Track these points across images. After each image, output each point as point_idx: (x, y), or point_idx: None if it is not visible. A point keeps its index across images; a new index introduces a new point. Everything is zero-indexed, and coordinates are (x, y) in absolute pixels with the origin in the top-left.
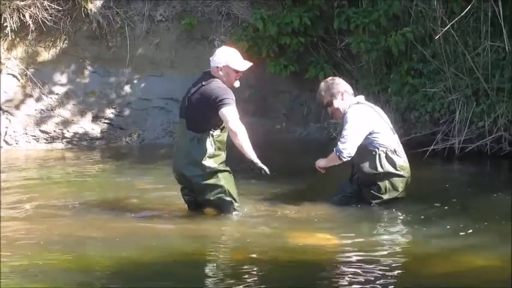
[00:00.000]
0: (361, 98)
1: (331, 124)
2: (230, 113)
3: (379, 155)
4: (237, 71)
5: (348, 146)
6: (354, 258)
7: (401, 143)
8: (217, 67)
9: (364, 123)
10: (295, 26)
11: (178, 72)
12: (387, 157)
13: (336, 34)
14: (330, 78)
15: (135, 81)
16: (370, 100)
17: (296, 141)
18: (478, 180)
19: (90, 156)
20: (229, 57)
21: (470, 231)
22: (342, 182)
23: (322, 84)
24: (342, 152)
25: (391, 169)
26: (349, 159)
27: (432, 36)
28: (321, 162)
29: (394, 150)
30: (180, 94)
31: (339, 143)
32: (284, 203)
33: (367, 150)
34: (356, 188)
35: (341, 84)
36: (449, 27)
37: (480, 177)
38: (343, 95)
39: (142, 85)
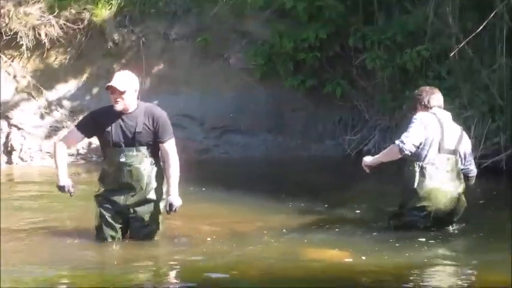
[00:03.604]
0: (439, 110)
1: (346, 141)
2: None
3: (413, 167)
4: (108, 90)
5: (410, 141)
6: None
7: None
8: None
9: (424, 127)
10: (311, 41)
11: (194, 90)
12: (420, 171)
13: (352, 51)
14: (420, 89)
15: (150, 99)
16: (385, 117)
17: (311, 158)
18: (494, 196)
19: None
20: None
21: (482, 250)
22: None
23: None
24: (404, 144)
25: (411, 185)
26: (409, 153)
27: (447, 53)
28: (369, 160)
29: (422, 166)
30: (195, 111)
31: (402, 136)
32: (297, 221)
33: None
34: None
35: (420, 99)
36: (464, 44)
37: (496, 194)
38: (420, 108)
39: (157, 102)
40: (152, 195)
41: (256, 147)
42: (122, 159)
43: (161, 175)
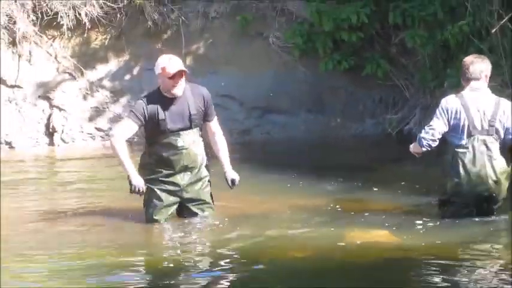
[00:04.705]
0: (475, 84)
1: (387, 120)
2: (116, 126)
3: (448, 153)
4: (170, 77)
5: (427, 136)
6: (413, 257)
7: None
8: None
9: (444, 116)
10: (353, 22)
11: (234, 69)
12: (454, 157)
13: (391, 28)
14: (463, 61)
15: (190, 79)
16: (426, 95)
17: (351, 137)
18: None
19: None
20: (160, 65)
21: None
22: None
23: None
24: (420, 140)
25: (448, 171)
26: (429, 148)
27: (489, 30)
28: (411, 146)
29: (455, 151)
30: (235, 91)
31: (423, 129)
32: (337, 201)
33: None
34: None
35: (462, 73)
36: (506, 21)
37: None
38: (463, 81)
39: (198, 82)
40: (204, 173)
41: (296, 127)
42: (180, 144)
43: (205, 152)
